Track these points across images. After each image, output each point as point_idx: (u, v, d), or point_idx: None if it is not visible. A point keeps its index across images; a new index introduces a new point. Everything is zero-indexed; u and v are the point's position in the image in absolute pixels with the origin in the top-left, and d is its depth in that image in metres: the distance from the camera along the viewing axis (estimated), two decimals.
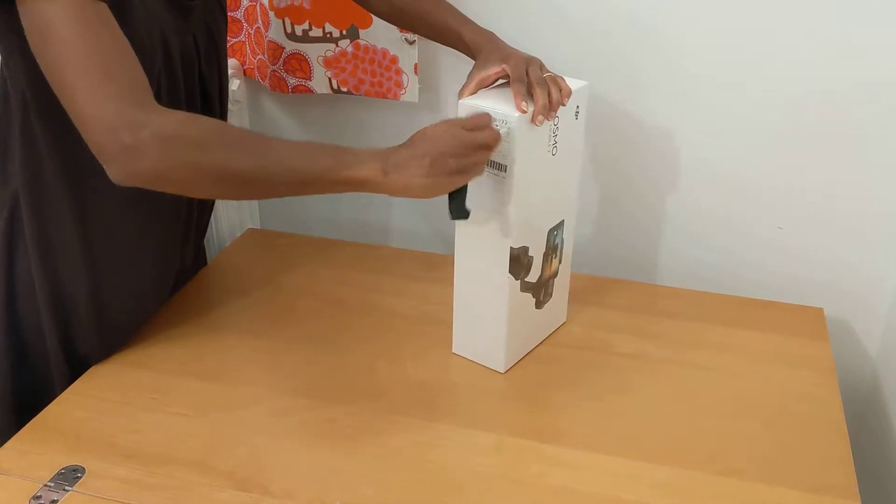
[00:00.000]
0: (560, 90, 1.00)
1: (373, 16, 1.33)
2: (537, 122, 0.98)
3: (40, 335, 1.05)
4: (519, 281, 1.06)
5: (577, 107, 1.05)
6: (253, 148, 0.86)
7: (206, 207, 1.24)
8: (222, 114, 1.18)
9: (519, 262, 1.05)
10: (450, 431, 1.01)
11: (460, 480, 0.94)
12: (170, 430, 1.00)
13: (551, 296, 1.15)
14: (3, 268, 1.02)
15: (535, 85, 0.99)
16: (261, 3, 1.39)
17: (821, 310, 1.27)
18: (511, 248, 1.03)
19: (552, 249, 1.12)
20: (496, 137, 0.95)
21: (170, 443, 0.98)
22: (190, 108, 1.07)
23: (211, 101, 1.13)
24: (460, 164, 0.91)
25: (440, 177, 0.90)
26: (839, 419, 1.04)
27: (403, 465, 0.96)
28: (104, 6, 0.83)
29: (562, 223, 1.12)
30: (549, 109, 0.99)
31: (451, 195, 0.96)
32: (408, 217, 1.55)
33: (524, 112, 0.97)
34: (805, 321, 1.24)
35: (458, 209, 0.97)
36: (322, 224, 1.58)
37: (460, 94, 1.02)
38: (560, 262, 1.15)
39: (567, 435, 1.01)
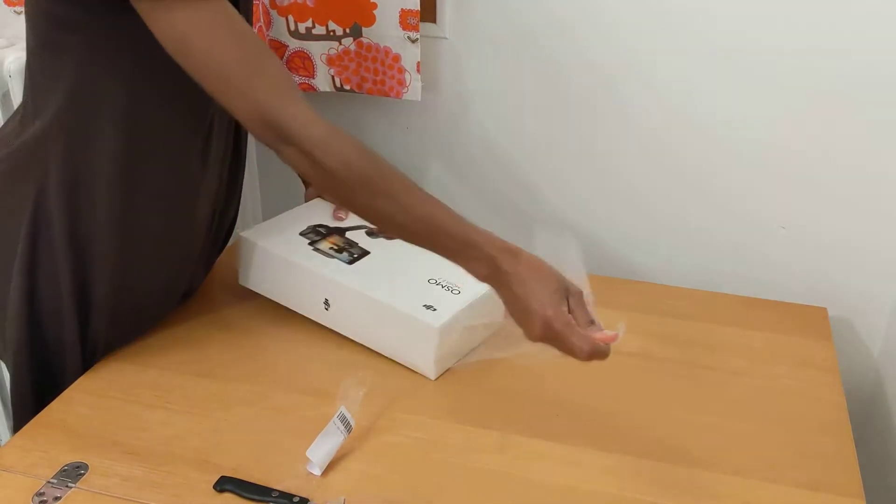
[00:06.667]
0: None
1: (376, 14, 1.33)
2: None
3: (59, 331, 1.04)
4: None
5: None
6: (399, 201, 0.88)
7: (222, 231, 1.24)
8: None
9: None
10: (452, 429, 1.01)
11: (463, 478, 0.94)
12: (173, 428, 1.00)
13: None
14: (26, 263, 1.01)
15: None
16: (262, 2, 1.39)
17: (824, 309, 1.27)
18: None
19: None
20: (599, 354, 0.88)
21: (173, 440, 0.98)
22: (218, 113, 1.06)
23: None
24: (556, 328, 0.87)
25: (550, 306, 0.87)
26: (843, 418, 1.04)
27: (406, 463, 0.96)
28: (226, 2, 0.84)
29: None
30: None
31: None
32: None
33: None
34: (808, 321, 1.24)
35: None
36: None
37: None
38: None
39: (570, 433, 1.01)
